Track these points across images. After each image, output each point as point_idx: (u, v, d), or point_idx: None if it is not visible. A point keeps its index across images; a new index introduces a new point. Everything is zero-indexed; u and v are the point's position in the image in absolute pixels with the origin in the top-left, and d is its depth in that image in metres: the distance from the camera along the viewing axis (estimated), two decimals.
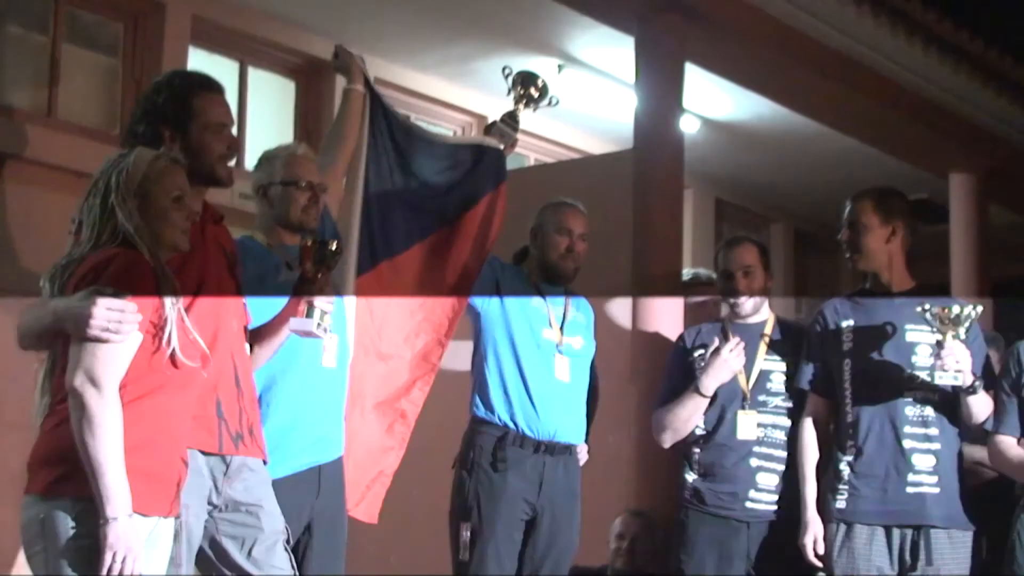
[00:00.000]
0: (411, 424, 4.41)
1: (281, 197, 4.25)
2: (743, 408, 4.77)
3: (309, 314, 3.60)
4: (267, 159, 4.36)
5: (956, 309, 4.14)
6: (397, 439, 4.34)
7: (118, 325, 3.02)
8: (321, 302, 3.61)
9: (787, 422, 4.73)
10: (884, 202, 4.54)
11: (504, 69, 4.52)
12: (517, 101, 4.53)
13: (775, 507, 4.68)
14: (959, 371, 4.13)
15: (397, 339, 4.37)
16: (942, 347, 4.14)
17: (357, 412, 4.22)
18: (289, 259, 4.17)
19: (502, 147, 4.46)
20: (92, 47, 7.11)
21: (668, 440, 4.92)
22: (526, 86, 4.54)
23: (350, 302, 4.25)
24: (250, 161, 3.67)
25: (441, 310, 4.43)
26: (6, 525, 3.53)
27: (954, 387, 4.21)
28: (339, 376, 4.22)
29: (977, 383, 4.25)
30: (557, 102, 4.59)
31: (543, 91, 4.54)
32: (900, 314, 4.44)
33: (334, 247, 3.66)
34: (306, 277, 3.63)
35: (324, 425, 4.17)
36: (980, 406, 4.31)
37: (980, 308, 4.18)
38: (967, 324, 4.14)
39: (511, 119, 4.50)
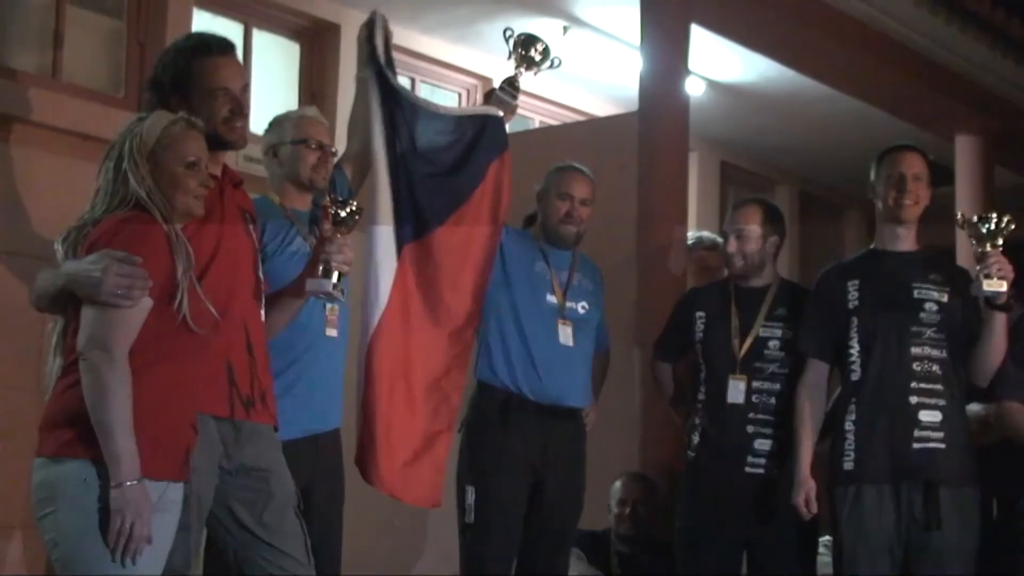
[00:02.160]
0: (455, 406, 4.36)
1: (291, 156, 4.30)
2: (734, 373, 4.78)
3: (327, 275, 3.58)
4: (278, 122, 4.41)
5: (995, 218, 4.13)
6: (444, 422, 4.32)
7: (128, 290, 3.02)
8: (339, 263, 3.59)
9: (784, 388, 4.72)
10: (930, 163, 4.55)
11: (505, 31, 4.48)
12: (518, 65, 4.49)
13: (774, 472, 4.69)
14: (1003, 278, 4.12)
15: (427, 321, 4.34)
16: (986, 257, 4.12)
17: (399, 396, 4.18)
18: (299, 225, 4.17)
19: (501, 114, 4.43)
20: (96, 9, 7.07)
21: None
22: (527, 49, 4.50)
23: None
24: (255, 124, 3.65)
25: (464, 285, 4.40)
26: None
27: (991, 298, 4.17)
28: (340, 347, 4.22)
29: (1012, 300, 4.24)
30: (559, 64, 4.55)
31: (544, 54, 4.50)
32: (906, 273, 4.44)
33: (354, 207, 3.63)
34: (324, 237, 3.61)
35: (323, 394, 4.19)
36: (1004, 332, 4.28)
37: (1013, 224, 4.16)
38: (1003, 234, 4.13)
39: (510, 86, 4.46)
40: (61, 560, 3.06)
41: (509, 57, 4.51)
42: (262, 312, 3.55)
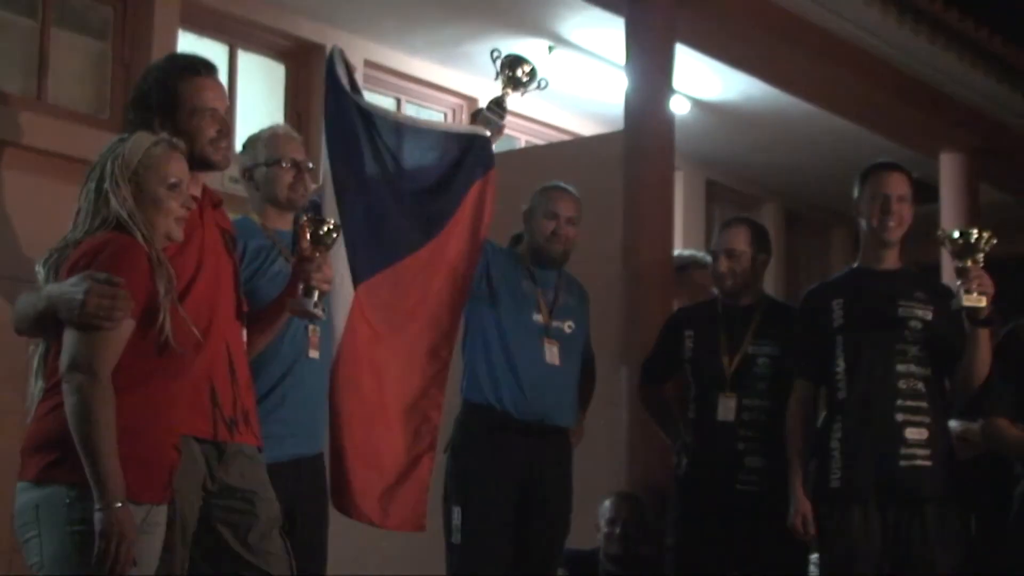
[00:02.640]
0: (436, 425, 4.35)
1: (266, 178, 4.29)
2: (724, 391, 4.78)
3: (307, 294, 3.58)
4: (250, 142, 4.39)
5: (975, 234, 4.14)
6: (425, 443, 4.31)
7: (109, 311, 3.01)
8: (319, 282, 3.59)
9: (772, 405, 4.73)
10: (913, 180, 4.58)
11: (492, 52, 4.49)
12: (505, 85, 4.50)
13: (765, 488, 4.69)
14: (983, 293, 4.12)
15: (400, 340, 4.34)
16: (966, 272, 4.13)
17: (381, 422, 4.18)
18: (282, 245, 4.17)
19: (488, 134, 4.43)
20: (81, 31, 7.07)
21: None
22: (514, 69, 4.51)
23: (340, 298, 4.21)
24: (240, 145, 3.65)
25: (439, 303, 4.41)
26: None
27: (973, 314, 4.17)
28: (322, 368, 4.21)
29: (994, 316, 4.25)
30: (546, 85, 4.57)
31: (531, 75, 4.51)
32: (891, 291, 4.45)
33: (331, 225, 3.64)
34: (303, 256, 3.61)
35: (307, 417, 4.15)
36: (987, 348, 4.30)
37: (995, 239, 4.17)
38: (983, 249, 4.14)
39: (497, 106, 4.47)
40: None
41: (496, 77, 4.52)
42: (244, 332, 3.55)
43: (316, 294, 3.59)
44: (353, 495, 4.10)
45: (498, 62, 4.49)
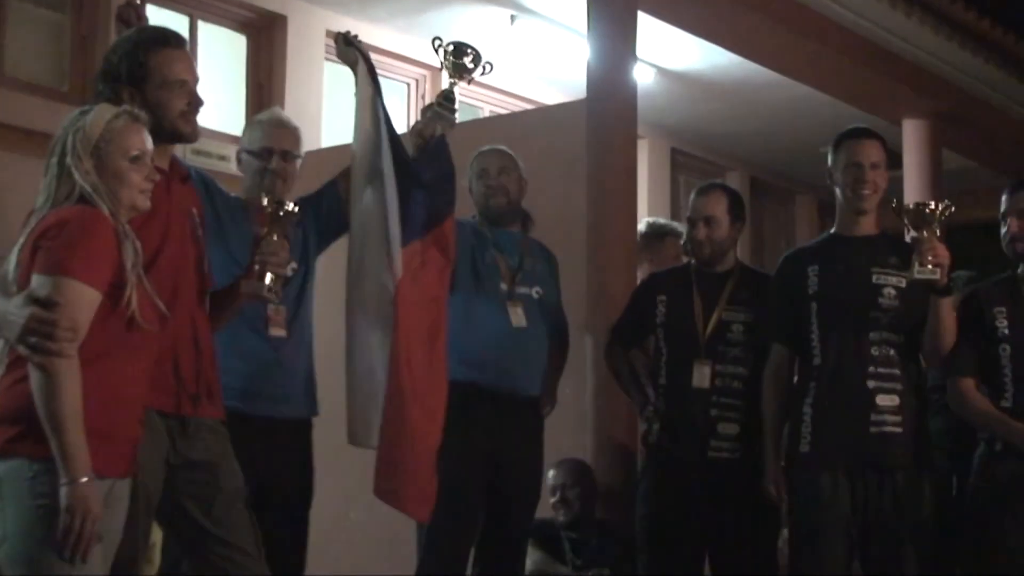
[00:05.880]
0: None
1: (245, 165, 4.32)
2: (699, 357, 4.78)
3: (261, 277, 3.56)
4: (246, 126, 4.41)
5: (932, 205, 4.14)
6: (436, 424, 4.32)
7: (44, 341, 2.98)
8: (273, 265, 3.57)
9: (746, 372, 4.74)
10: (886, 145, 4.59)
11: (434, 41, 4.45)
12: (451, 75, 4.47)
13: (737, 455, 4.70)
14: (937, 264, 4.13)
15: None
16: (921, 243, 4.14)
17: (417, 407, 4.15)
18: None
19: (441, 132, 4.39)
20: (38, 3, 7.02)
21: None
22: (458, 57, 4.47)
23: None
24: (201, 118, 3.63)
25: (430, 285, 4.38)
26: None
27: (929, 284, 4.19)
28: (289, 344, 4.19)
29: (952, 285, 4.26)
30: (491, 69, 4.53)
31: (475, 60, 4.48)
32: (865, 258, 4.46)
33: (289, 209, 3.61)
34: (259, 238, 3.59)
35: (269, 386, 4.12)
36: (949, 316, 4.32)
37: (953, 208, 4.17)
38: (942, 221, 4.15)
39: (447, 100, 4.43)
40: (8, 558, 3.02)
41: (441, 68, 4.49)
42: (207, 307, 3.54)
43: (269, 277, 3.57)
44: (407, 486, 4.08)
45: (441, 51, 4.45)
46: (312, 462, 4.31)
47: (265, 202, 3.64)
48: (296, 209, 3.65)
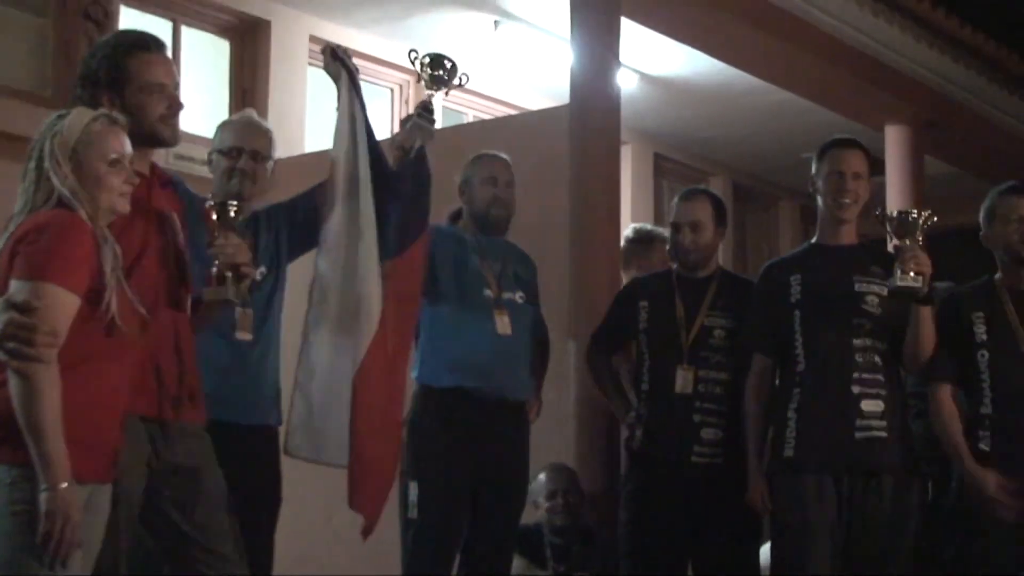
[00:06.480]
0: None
1: (215, 165, 4.33)
2: (682, 363, 4.79)
3: (220, 281, 3.55)
4: (217, 128, 4.41)
5: (915, 213, 4.16)
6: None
7: (22, 347, 2.96)
8: (228, 265, 3.54)
9: (729, 377, 4.75)
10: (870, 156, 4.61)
11: (410, 54, 4.46)
12: (428, 86, 4.47)
13: (720, 460, 4.71)
14: (920, 273, 4.14)
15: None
16: (903, 251, 4.15)
17: (376, 423, 4.15)
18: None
19: (421, 144, 4.39)
20: (20, 7, 7.00)
21: None
22: (435, 68, 4.48)
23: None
24: (184, 123, 3.63)
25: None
26: None
27: (911, 292, 4.20)
28: (255, 348, 4.19)
29: (933, 294, 4.28)
30: (467, 80, 4.54)
31: (452, 72, 4.49)
32: (847, 266, 4.48)
33: (232, 209, 3.58)
34: (210, 241, 3.57)
35: (231, 392, 4.09)
36: (929, 324, 4.33)
37: (935, 217, 4.19)
38: (923, 229, 4.16)
39: (426, 111, 4.44)
40: None
41: (419, 80, 4.49)
42: (188, 312, 3.53)
43: (228, 280, 3.54)
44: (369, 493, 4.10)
45: (417, 63, 4.45)
46: (279, 470, 4.28)
47: (209, 205, 3.60)
48: (236, 207, 3.60)
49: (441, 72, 4.45)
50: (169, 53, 3.67)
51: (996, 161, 10.32)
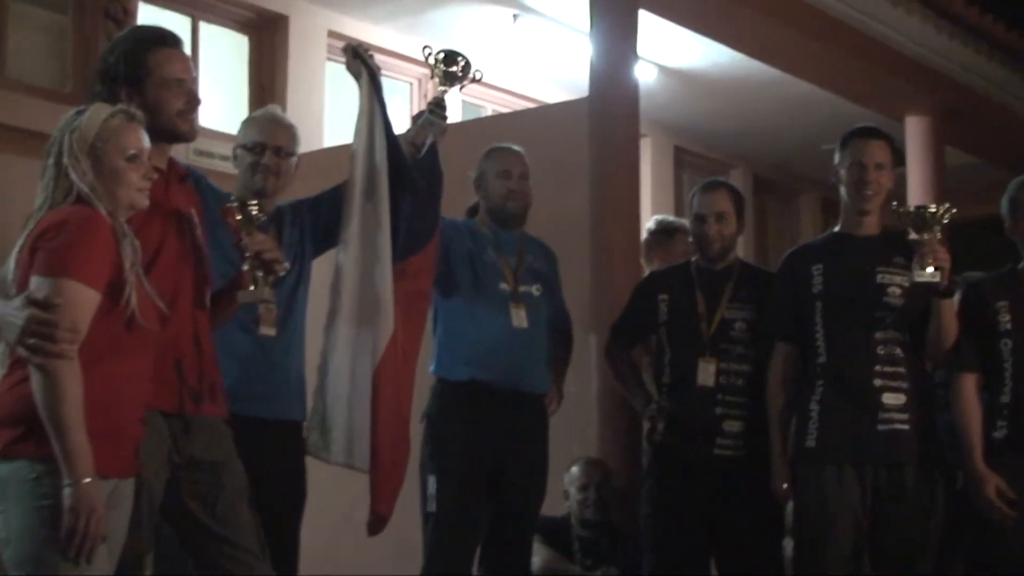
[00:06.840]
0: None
1: (239, 161, 4.32)
2: (703, 355, 4.78)
3: (253, 281, 3.57)
4: (242, 124, 4.41)
5: (933, 208, 4.15)
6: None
7: (44, 342, 2.98)
8: (260, 261, 3.55)
9: (750, 369, 4.74)
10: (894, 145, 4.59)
11: (424, 50, 4.45)
12: (442, 83, 4.47)
13: (742, 453, 4.70)
14: (939, 268, 4.13)
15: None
16: (921, 246, 4.14)
17: (392, 421, 4.16)
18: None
19: (433, 140, 4.38)
20: (40, 4, 7.02)
21: None
22: (448, 65, 4.47)
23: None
24: (203, 118, 3.63)
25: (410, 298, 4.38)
26: None
27: (931, 287, 4.19)
28: (280, 343, 4.19)
29: (953, 286, 4.26)
30: (481, 77, 4.54)
31: (465, 69, 4.49)
32: (870, 257, 4.46)
33: (253, 208, 3.59)
34: (237, 242, 3.58)
35: (259, 387, 4.10)
36: (950, 317, 4.32)
37: (955, 209, 4.18)
38: (943, 223, 4.15)
39: (438, 107, 4.43)
40: (13, 560, 3.03)
41: (432, 77, 4.49)
42: (208, 306, 3.54)
43: (260, 279, 3.56)
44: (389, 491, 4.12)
45: (431, 59, 4.45)
46: (303, 465, 4.27)
47: (231, 207, 3.60)
48: (256, 205, 3.61)
49: (454, 68, 4.44)
50: (187, 49, 3.68)
51: (1017, 151, 10.27)
